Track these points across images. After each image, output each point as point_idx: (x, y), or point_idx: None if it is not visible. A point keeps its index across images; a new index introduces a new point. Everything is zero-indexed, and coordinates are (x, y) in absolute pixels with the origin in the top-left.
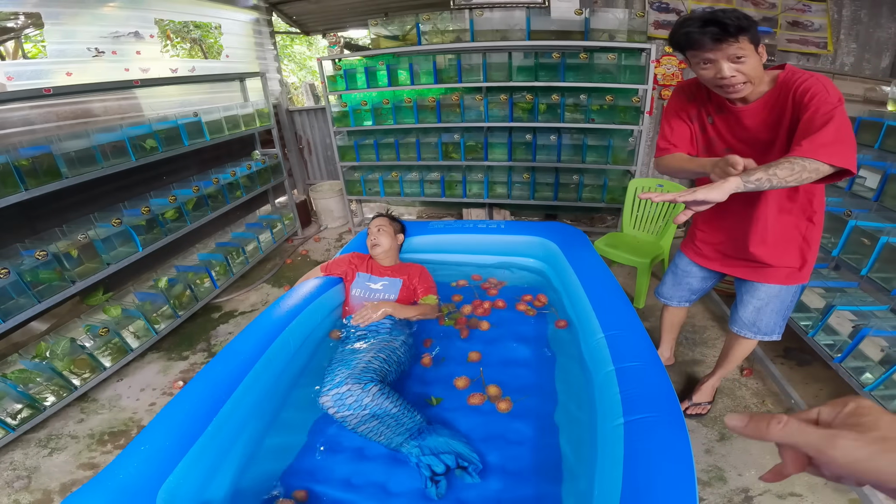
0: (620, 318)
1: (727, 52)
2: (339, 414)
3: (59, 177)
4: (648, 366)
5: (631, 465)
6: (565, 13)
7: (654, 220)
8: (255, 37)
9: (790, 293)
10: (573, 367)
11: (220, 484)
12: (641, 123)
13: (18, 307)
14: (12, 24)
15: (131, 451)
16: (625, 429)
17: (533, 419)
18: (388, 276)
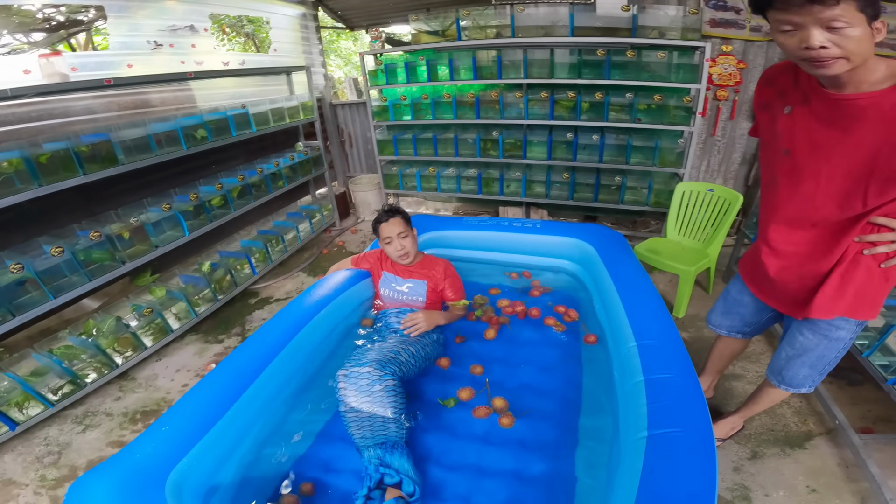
0: (656, 328)
1: (820, 15)
2: (346, 391)
3: (115, 163)
4: (681, 378)
5: (648, 481)
6: (611, 9)
7: (702, 227)
8: (302, 31)
9: (834, 347)
10: (600, 381)
11: (228, 471)
12: (692, 125)
13: (70, 284)
14: (83, 17)
15: (150, 433)
16: (647, 442)
17: (547, 430)
18: (412, 277)
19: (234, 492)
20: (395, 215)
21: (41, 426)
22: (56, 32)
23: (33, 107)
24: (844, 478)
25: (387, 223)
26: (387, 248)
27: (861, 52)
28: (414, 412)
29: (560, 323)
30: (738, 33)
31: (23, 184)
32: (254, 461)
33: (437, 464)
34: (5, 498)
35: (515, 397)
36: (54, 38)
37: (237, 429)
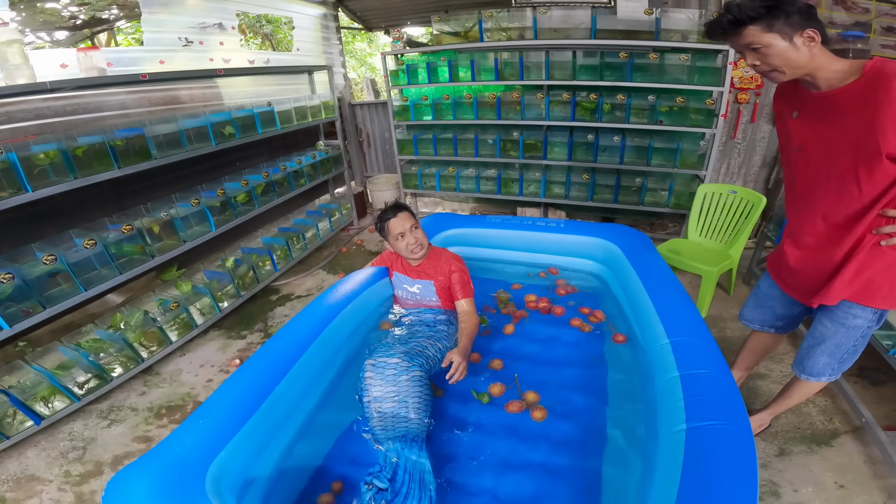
0: (687, 325)
1: (739, 42)
2: (371, 380)
3: (148, 157)
4: (716, 373)
5: (690, 471)
6: (633, 13)
7: (724, 229)
8: (323, 31)
9: (852, 336)
10: (628, 379)
11: (262, 465)
12: (715, 127)
13: (100, 277)
14: (106, 16)
15: (187, 426)
16: (686, 435)
17: (574, 427)
18: (420, 277)
19: (268, 486)
20: (402, 210)
21: (65, 421)
22: (80, 31)
23: (69, 101)
24: (872, 474)
25: (396, 219)
26: (398, 244)
27: (791, 61)
28: (435, 411)
29: (586, 323)
30: None
31: (58, 176)
32: (286, 455)
33: (468, 457)
34: (28, 494)
35: (541, 393)
36: (77, 36)
37: (271, 422)
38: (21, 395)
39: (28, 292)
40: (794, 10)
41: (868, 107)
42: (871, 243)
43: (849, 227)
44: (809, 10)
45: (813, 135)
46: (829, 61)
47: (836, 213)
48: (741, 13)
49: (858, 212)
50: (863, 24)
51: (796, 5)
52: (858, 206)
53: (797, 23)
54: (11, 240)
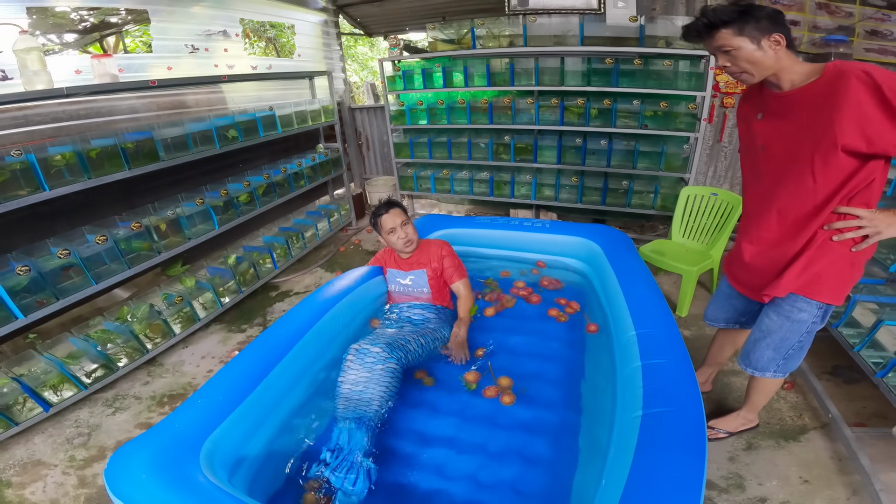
0: (654, 318)
1: (712, 45)
2: (351, 363)
3: (157, 159)
4: (675, 363)
5: (640, 457)
6: (620, 20)
7: (705, 230)
8: (324, 37)
9: (797, 330)
10: (600, 368)
11: (254, 445)
12: (698, 131)
13: (110, 272)
14: (114, 20)
15: (186, 407)
16: (641, 421)
17: (552, 410)
18: (412, 268)
19: (258, 465)
20: (394, 206)
21: (72, 409)
22: (89, 35)
23: (83, 105)
24: (837, 470)
25: (388, 215)
26: (390, 238)
27: (758, 63)
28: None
29: (562, 314)
30: None
31: (73, 176)
32: (276, 437)
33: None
34: (34, 478)
35: (520, 381)
36: (87, 39)
37: (264, 405)
38: (32, 382)
39: (43, 284)
40: (763, 15)
41: (827, 102)
42: (823, 238)
43: (803, 224)
44: (776, 15)
45: (776, 132)
46: (793, 63)
47: (791, 209)
48: (715, 17)
49: (813, 208)
50: (846, 28)
51: (765, 11)
52: (813, 201)
53: (765, 27)
54: (27, 235)
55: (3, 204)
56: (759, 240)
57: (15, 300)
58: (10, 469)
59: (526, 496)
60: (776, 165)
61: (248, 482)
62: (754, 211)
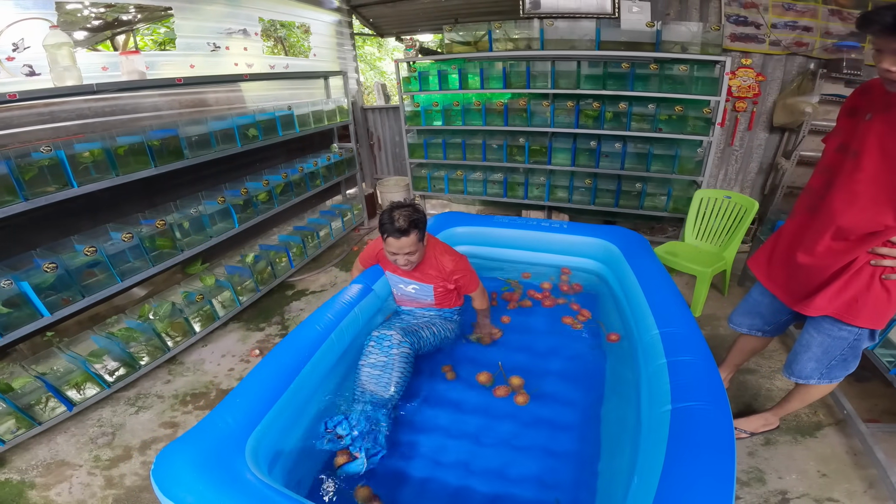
0: (676, 317)
1: (892, 44)
2: (372, 348)
3: (181, 157)
4: (699, 360)
5: (674, 445)
6: (636, 25)
7: (719, 233)
8: (338, 37)
9: (838, 346)
10: (622, 370)
11: (290, 439)
12: (712, 134)
13: (134, 270)
14: (126, 18)
15: (226, 405)
16: (671, 415)
17: (575, 409)
18: (417, 280)
19: (294, 458)
20: (409, 233)
21: (94, 408)
22: (101, 32)
23: (108, 102)
24: (853, 464)
25: (398, 241)
26: (388, 256)
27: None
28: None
29: (576, 321)
30: (758, 47)
31: (99, 173)
32: (310, 432)
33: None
34: (58, 479)
35: (535, 381)
36: (98, 37)
37: (300, 400)
38: (55, 381)
39: (69, 282)
40: None
41: None
42: (864, 262)
43: (854, 247)
44: None
45: (878, 141)
46: None
47: (854, 231)
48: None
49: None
50: (858, 35)
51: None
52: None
53: None
54: (51, 232)
55: (31, 200)
56: (818, 253)
57: (41, 297)
58: (34, 470)
59: (550, 487)
60: (860, 179)
61: (284, 475)
62: (810, 215)
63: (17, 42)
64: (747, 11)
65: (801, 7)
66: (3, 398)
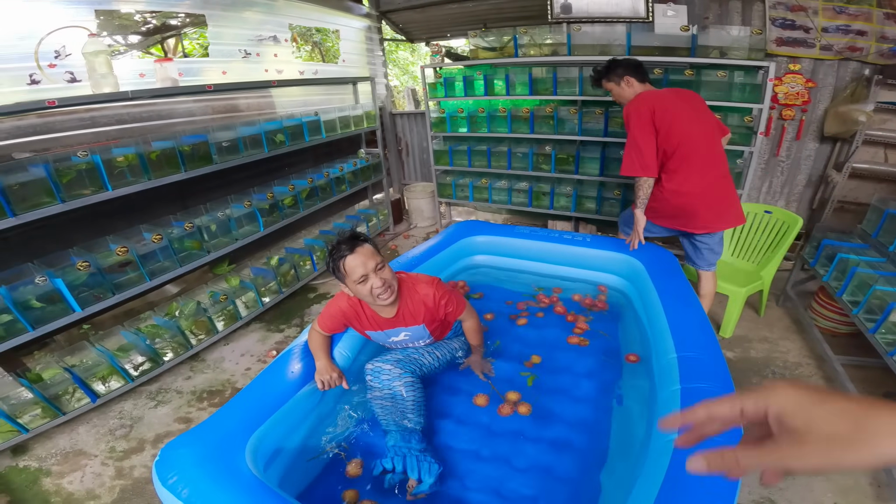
0: (697, 342)
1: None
2: (372, 382)
3: (210, 162)
4: (716, 388)
5: (671, 479)
6: (670, 29)
7: (758, 250)
8: (367, 43)
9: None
10: (633, 389)
11: (293, 439)
12: (753, 144)
13: (163, 269)
14: (175, 22)
15: (232, 406)
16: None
17: (584, 427)
18: (404, 325)
19: (294, 455)
20: (360, 243)
21: (118, 400)
22: (151, 36)
23: (144, 108)
24: (874, 496)
25: (354, 255)
26: (361, 290)
27: (623, 97)
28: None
29: (584, 339)
30: (808, 52)
31: (134, 177)
32: (314, 432)
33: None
34: (73, 467)
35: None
36: (149, 41)
37: (306, 407)
38: (82, 373)
39: (101, 280)
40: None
41: None
42: None
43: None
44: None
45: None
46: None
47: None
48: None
49: None
50: None
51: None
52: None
53: (620, 76)
54: (87, 232)
55: (67, 202)
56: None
57: (74, 293)
58: (52, 458)
59: None
60: None
61: (280, 474)
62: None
63: (59, 49)
64: (795, 15)
65: (853, 10)
66: (32, 388)
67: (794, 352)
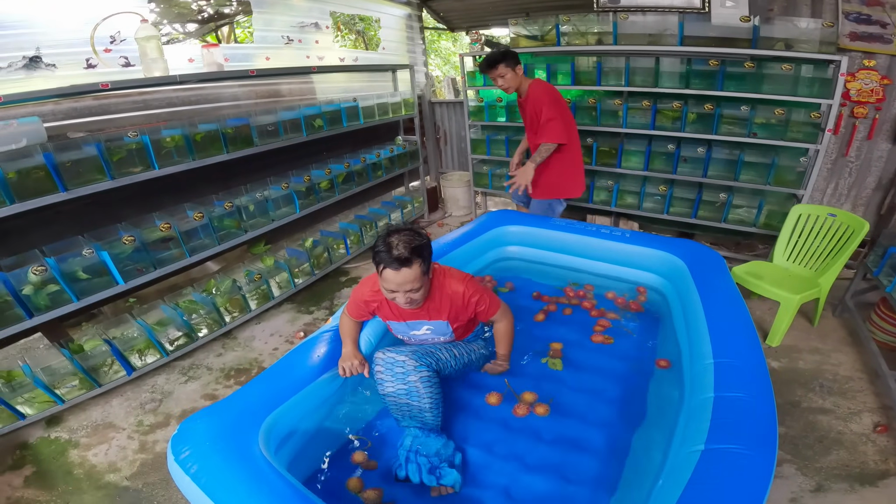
0: (738, 348)
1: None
2: (382, 375)
3: (251, 144)
4: (754, 399)
5: (690, 492)
6: (729, 19)
7: (817, 255)
8: (407, 31)
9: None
10: (662, 394)
11: (307, 422)
12: (820, 142)
13: (203, 246)
14: (228, 10)
15: (253, 385)
16: (700, 456)
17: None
18: (427, 318)
19: (307, 438)
20: (411, 264)
21: (152, 374)
22: (206, 24)
23: (192, 92)
24: None
25: (395, 273)
26: (386, 295)
27: (512, 84)
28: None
29: (608, 336)
30: (884, 48)
31: (179, 157)
32: (327, 418)
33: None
34: (101, 440)
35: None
36: (205, 29)
37: (324, 392)
38: (122, 345)
39: (144, 254)
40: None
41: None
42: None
43: None
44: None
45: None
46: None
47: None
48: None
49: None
50: None
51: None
52: None
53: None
54: (136, 208)
55: (116, 179)
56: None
57: (118, 266)
58: (82, 430)
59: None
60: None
61: (290, 458)
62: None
63: (114, 35)
64: (871, 9)
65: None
66: (72, 359)
67: (846, 365)
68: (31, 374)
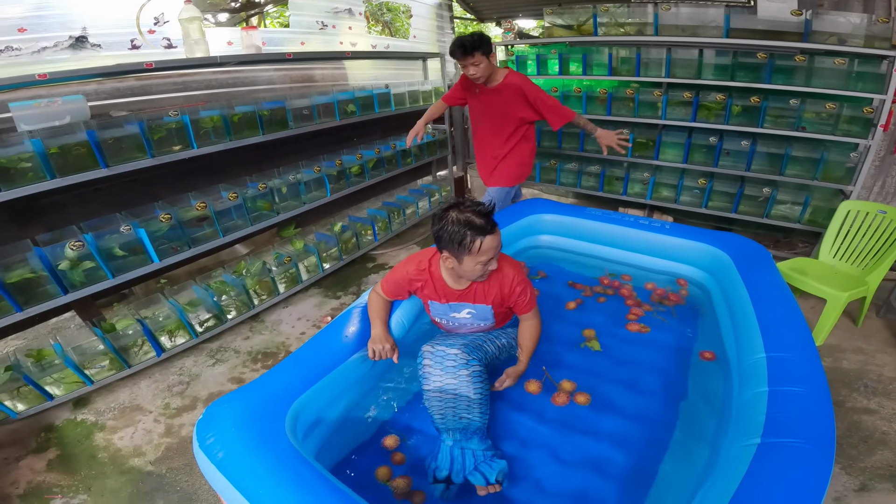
0: (791, 342)
1: (467, 62)
2: (430, 368)
3: (286, 127)
4: (812, 394)
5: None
6: (777, 13)
7: (865, 253)
8: (437, 20)
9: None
10: (709, 387)
11: (334, 410)
12: (871, 138)
13: (236, 227)
14: (260, 0)
15: (280, 369)
16: (757, 450)
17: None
18: (472, 301)
19: (334, 428)
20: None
21: (180, 356)
22: (238, 14)
23: (231, 74)
24: None
25: (493, 237)
26: (476, 268)
27: (485, 73)
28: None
29: (645, 326)
30: None
31: (217, 138)
32: (355, 406)
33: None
34: (127, 423)
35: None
36: (236, 18)
37: (348, 379)
38: (153, 326)
39: (180, 233)
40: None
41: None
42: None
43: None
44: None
45: (485, 105)
46: (496, 71)
47: (497, 140)
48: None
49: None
50: None
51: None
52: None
53: (491, 50)
54: (173, 188)
55: (156, 157)
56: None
57: (154, 245)
58: (110, 412)
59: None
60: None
61: (319, 444)
62: (480, 144)
63: (158, 16)
64: None
65: None
66: (104, 338)
67: (890, 366)
68: (62, 353)
